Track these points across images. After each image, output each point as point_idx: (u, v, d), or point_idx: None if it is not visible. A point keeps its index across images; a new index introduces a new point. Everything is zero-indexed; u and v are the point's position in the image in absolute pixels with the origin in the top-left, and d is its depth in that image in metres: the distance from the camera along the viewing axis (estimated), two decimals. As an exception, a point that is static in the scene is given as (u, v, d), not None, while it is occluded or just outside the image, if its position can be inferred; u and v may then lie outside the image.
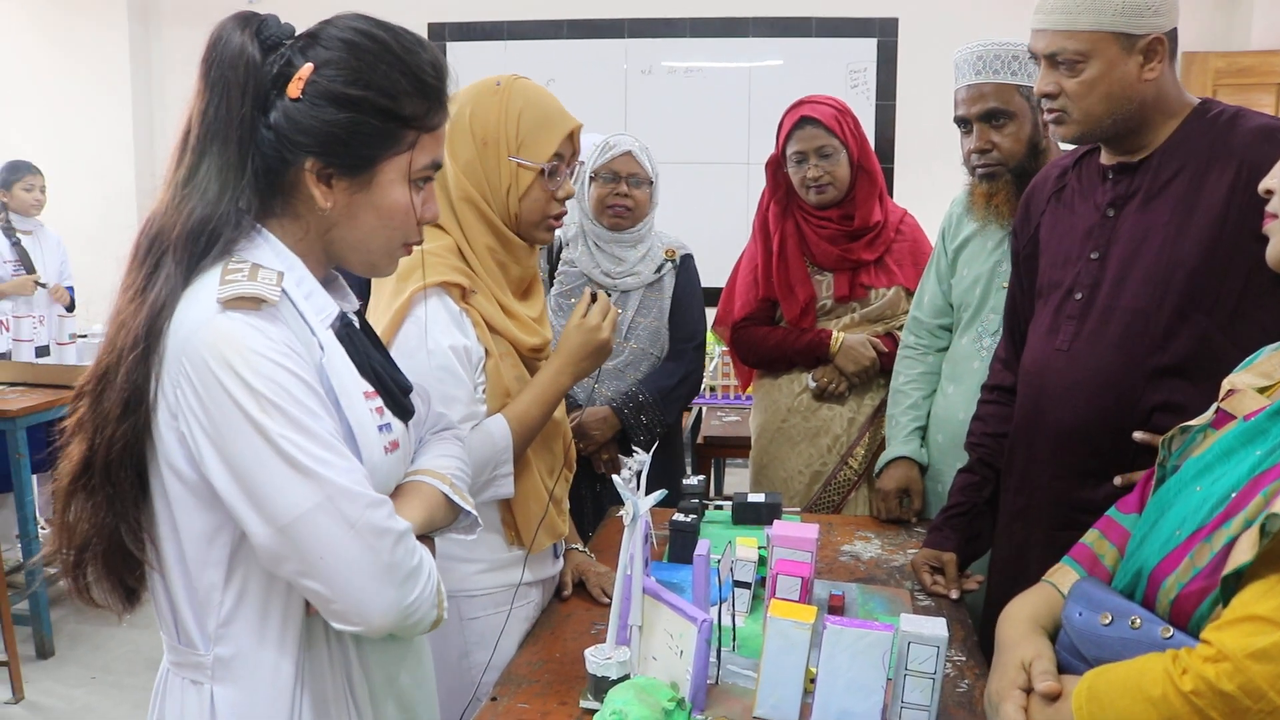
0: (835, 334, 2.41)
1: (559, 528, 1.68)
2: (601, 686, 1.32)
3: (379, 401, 1.12)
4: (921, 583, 1.80)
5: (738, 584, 1.65)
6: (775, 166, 2.47)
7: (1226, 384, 1.12)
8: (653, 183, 2.40)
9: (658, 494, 1.38)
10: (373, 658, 1.17)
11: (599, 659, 1.35)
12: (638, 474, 1.37)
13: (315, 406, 1.00)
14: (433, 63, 1.10)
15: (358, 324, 1.17)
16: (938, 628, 1.27)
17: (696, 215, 4.52)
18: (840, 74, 5.05)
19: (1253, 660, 0.86)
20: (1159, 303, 1.50)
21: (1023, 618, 1.17)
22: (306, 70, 1.03)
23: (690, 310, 2.49)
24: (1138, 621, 1.00)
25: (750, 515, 2.06)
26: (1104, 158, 1.62)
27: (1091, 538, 1.23)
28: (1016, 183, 1.99)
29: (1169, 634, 0.97)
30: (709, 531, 2.04)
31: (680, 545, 1.85)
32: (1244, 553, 0.90)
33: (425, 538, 1.14)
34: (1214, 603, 0.94)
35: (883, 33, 5.03)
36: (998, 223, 2.05)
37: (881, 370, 2.39)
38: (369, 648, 1.16)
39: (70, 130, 5.54)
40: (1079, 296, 1.59)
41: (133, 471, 1.02)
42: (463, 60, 5.17)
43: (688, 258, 2.52)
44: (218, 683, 1.06)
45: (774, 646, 1.31)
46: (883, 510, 2.17)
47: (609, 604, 1.44)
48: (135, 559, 1.06)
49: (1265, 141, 1.46)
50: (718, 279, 2.72)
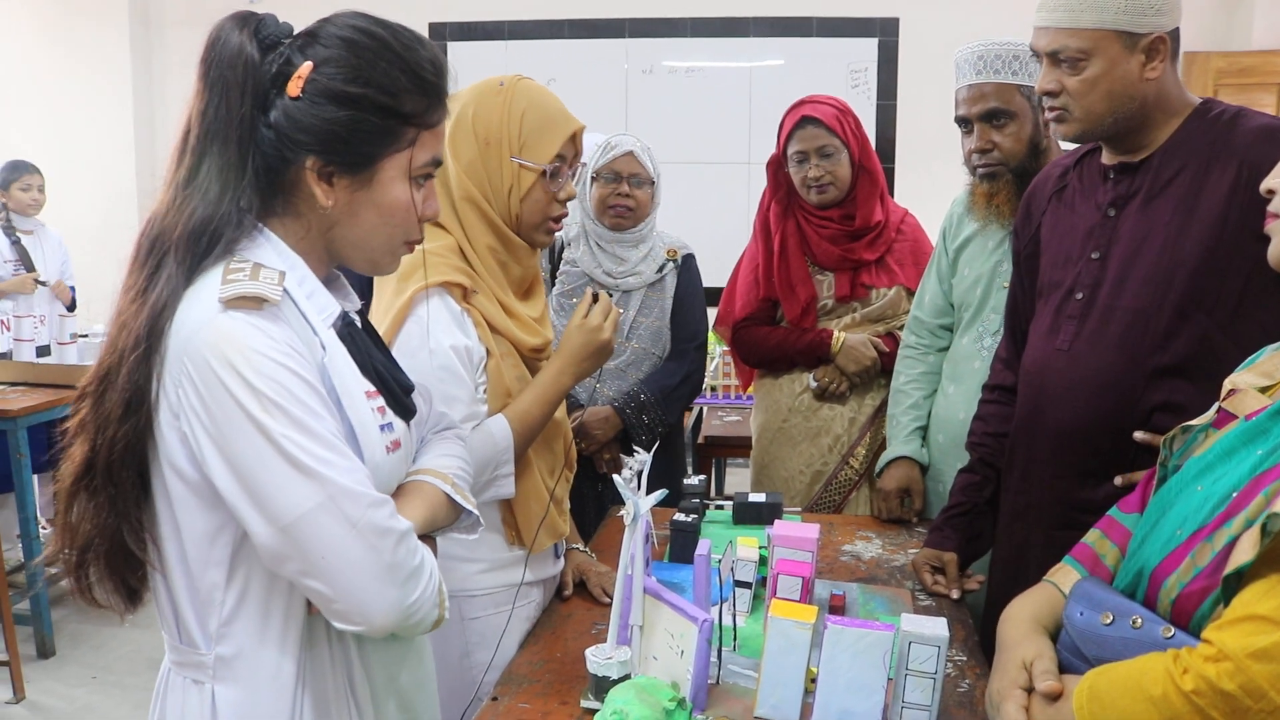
0: (836, 334, 2.41)
1: (560, 528, 1.68)
2: (602, 686, 1.32)
3: (380, 401, 1.12)
4: (922, 582, 1.80)
5: (738, 584, 1.65)
6: (776, 166, 2.47)
7: (1228, 383, 1.12)
8: (654, 183, 2.40)
9: (658, 494, 1.38)
10: (374, 657, 1.17)
11: (600, 659, 1.35)
12: (638, 474, 1.37)
13: (317, 406, 1.00)
14: (431, 60, 1.10)
15: (359, 323, 1.17)
16: (939, 627, 1.27)
17: (697, 215, 4.52)
18: (841, 74, 5.05)
19: (1254, 660, 0.86)
20: (1160, 302, 1.50)
21: (1024, 617, 1.17)
22: (306, 69, 1.03)
23: (692, 310, 2.49)
24: (1139, 621, 1.00)
25: (751, 515, 2.06)
26: (1105, 157, 1.62)
27: (1093, 537, 1.23)
28: (1017, 182, 1.99)
29: (1170, 633, 0.97)
30: (710, 531, 2.04)
31: (681, 545, 1.85)
32: (1245, 552, 0.90)
33: (427, 537, 1.14)
34: (1215, 602, 0.94)
35: (883, 32, 5.03)
36: (998, 222, 2.05)
37: (882, 370, 2.39)
38: (370, 647, 1.16)
39: (71, 130, 5.54)
40: (1080, 296, 1.59)
41: (134, 472, 1.02)
42: (463, 60, 5.17)
43: (689, 257, 2.52)
44: (219, 682, 1.06)
45: (775, 646, 1.31)
46: (883, 510, 2.17)
47: (610, 604, 1.44)
48: (137, 559, 1.06)
49: (1266, 141, 1.46)
50: (718, 279, 2.72)
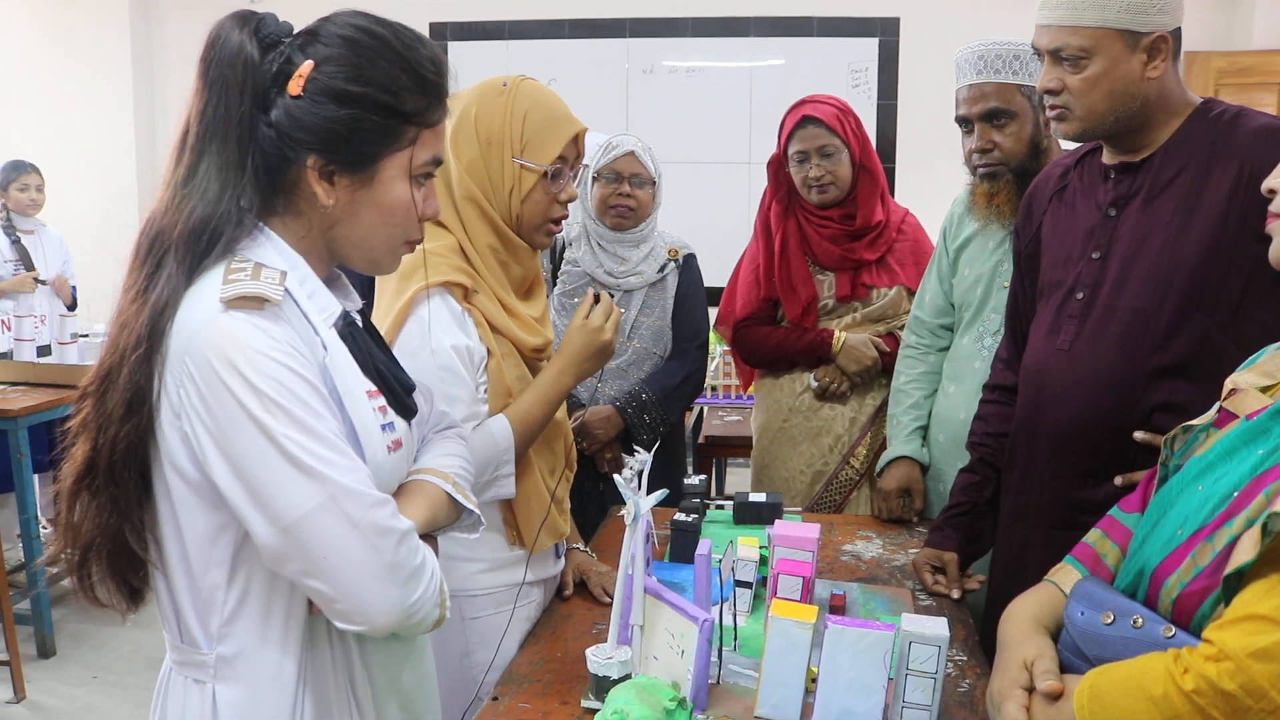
0: (837, 334, 2.41)
1: (560, 528, 1.68)
2: (603, 686, 1.32)
3: (382, 400, 1.12)
4: (923, 582, 1.80)
5: (739, 584, 1.65)
6: (777, 166, 2.47)
7: (1229, 383, 1.12)
8: (655, 183, 2.40)
9: (659, 494, 1.38)
10: (375, 657, 1.17)
11: (600, 658, 1.35)
12: (639, 474, 1.37)
13: (318, 406, 1.00)
14: (432, 58, 1.10)
15: (360, 322, 1.17)
16: (939, 627, 1.27)
17: (698, 215, 4.52)
18: (842, 73, 5.05)
19: (1254, 659, 0.86)
20: (1160, 302, 1.50)
21: (1025, 617, 1.17)
22: (307, 68, 1.04)
23: (693, 309, 2.49)
24: (1140, 621, 1.00)
25: (751, 515, 2.06)
26: (1106, 157, 1.62)
27: (1094, 537, 1.23)
28: (1018, 182, 1.99)
29: (1171, 633, 0.97)
30: (710, 531, 2.04)
31: (681, 545, 1.85)
32: (1245, 552, 0.90)
33: (428, 536, 1.14)
34: (1216, 602, 0.94)
35: (884, 32, 5.03)
36: (999, 222, 2.04)
37: (883, 370, 2.40)
38: (371, 647, 1.16)
39: (71, 129, 5.54)
40: (1080, 296, 1.59)
41: (136, 472, 1.02)
42: (464, 60, 5.17)
43: (690, 257, 2.52)
44: (220, 682, 1.06)
45: (775, 646, 1.31)
46: (884, 510, 2.17)
47: (610, 604, 1.44)
48: (139, 559, 1.06)
49: (1267, 141, 1.46)
50: (719, 279, 2.72)
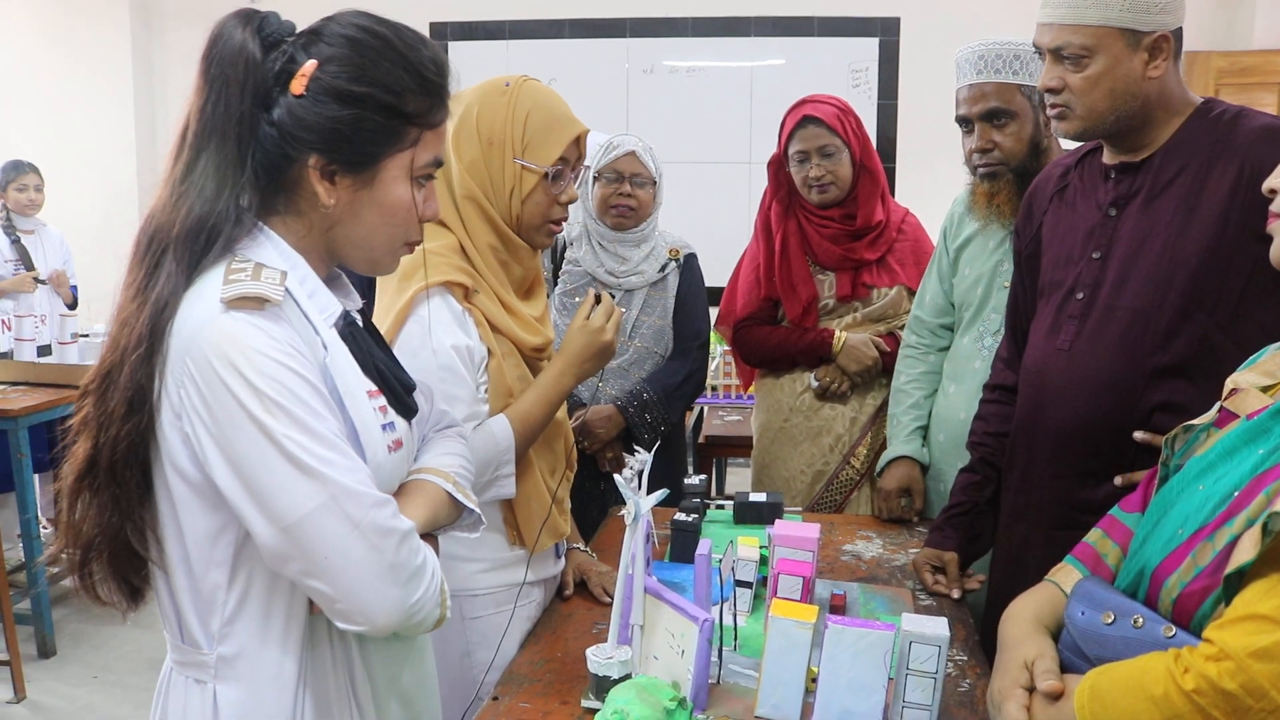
0: (837, 333, 2.41)
1: (561, 528, 1.68)
2: (603, 686, 1.32)
3: (382, 400, 1.12)
4: (923, 582, 1.80)
5: (739, 583, 1.65)
6: (777, 166, 2.47)
7: (1230, 383, 1.12)
8: (656, 182, 2.41)
9: (659, 493, 1.38)
10: (376, 657, 1.17)
11: (600, 658, 1.35)
12: (639, 473, 1.37)
13: (319, 406, 1.00)
14: (434, 59, 1.10)
15: (361, 322, 1.17)
16: (939, 627, 1.27)
17: (698, 215, 4.52)
18: (842, 73, 5.05)
19: (1255, 659, 0.86)
20: (1160, 302, 1.50)
21: (1025, 617, 1.17)
22: (310, 67, 1.04)
23: (694, 309, 2.49)
24: (1140, 620, 1.00)
25: (752, 515, 2.06)
26: (1106, 157, 1.62)
27: (1094, 537, 1.23)
28: (1018, 182, 1.99)
29: (1171, 633, 0.97)
30: (710, 531, 2.04)
31: (682, 545, 1.85)
32: (1246, 552, 0.90)
33: (429, 536, 1.14)
34: (1216, 602, 0.94)
35: (884, 32, 5.03)
36: (999, 222, 2.04)
37: (884, 370, 2.40)
38: (372, 647, 1.16)
39: (71, 130, 5.54)
40: (1080, 296, 1.59)
41: (138, 471, 1.02)
42: (465, 60, 5.17)
43: (691, 257, 2.52)
44: (221, 682, 1.06)
45: (775, 646, 1.31)
46: (884, 510, 2.17)
47: (610, 603, 1.44)
48: (140, 558, 1.06)
49: (1268, 141, 1.46)
50: (719, 278, 2.72)
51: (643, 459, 1.38)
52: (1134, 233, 1.55)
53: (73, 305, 4.45)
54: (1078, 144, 1.72)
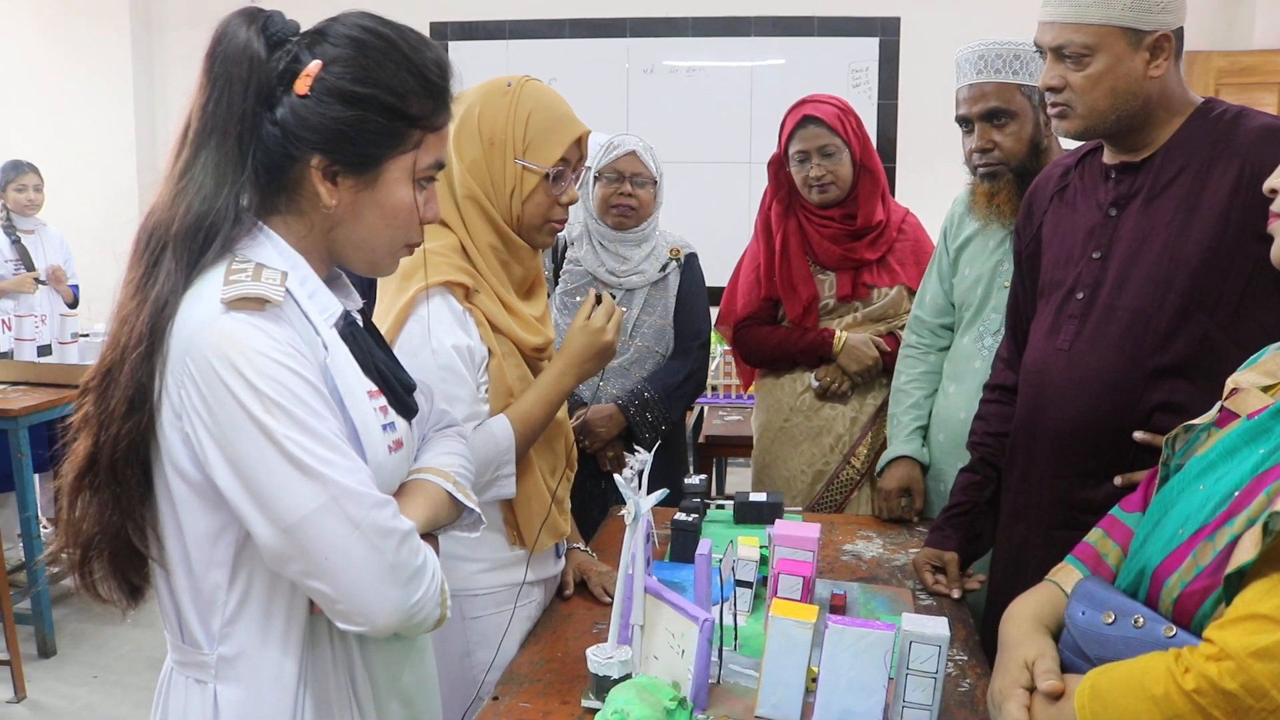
0: (838, 333, 2.41)
1: (561, 527, 1.68)
2: (603, 686, 1.32)
3: (383, 400, 1.12)
4: (923, 582, 1.80)
5: (739, 583, 1.65)
6: (777, 166, 2.47)
7: (1230, 382, 1.12)
8: (657, 182, 2.41)
9: (659, 493, 1.38)
10: (376, 657, 1.17)
11: (601, 658, 1.35)
12: (639, 473, 1.37)
13: (319, 407, 1.00)
14: (437, 61, 1.10)
15: (361, 322, 1.17)
16: (939, 627, 1.27)
17: (698, 215, 4.52)
18: (842, 73, 5.05)
19: (1255, 659, 0.86)
20: (1160, 302, 1.50)
21: (1026, 617, 1.17)
22: (315, 67, 1.03)
23: (695, 308, 2.50)
24: (1141, 620, 1.00)
25: (752, 514, 2.06)
26: (1106, 157, 1.62)
27: (1095, 536, 1.23)
28: (1018, 182, 1.99)
29: (1172, 633, 0.97)
30: (711, 531, 2.04)
31: (682, 544, 1.85)
32: (1246, 551, 0.90)
33: (429, 536, 1.14)
34: (1217, 601, 0.94)
35: (885, 32, 5.03)
36: (999, 222, 2.04)
37: (884, 370, 2.40)
38: (373, 647, 1.16)
39: (71, 130, 5.54)
40: (1081, 296, 1.59)
41: (138, 469, 1.02)
42: (465, 60, 5.17)
43: (692, 256, 2.53)
44: (221, 682, 1.06)
45: (775, 646, 1.31)
46: (884, 510, 2.17)
47: (610, 603, 1.44)
48: (141, 556, 1.06)
49: (1268, 141, 1.46)
50: (719, 278, 2.72)
51: (643, 459, 1.38)
52: (1134, 232, 1.55)
53: (73, 304, 4.45)
54: (1078, 144, 1.72)
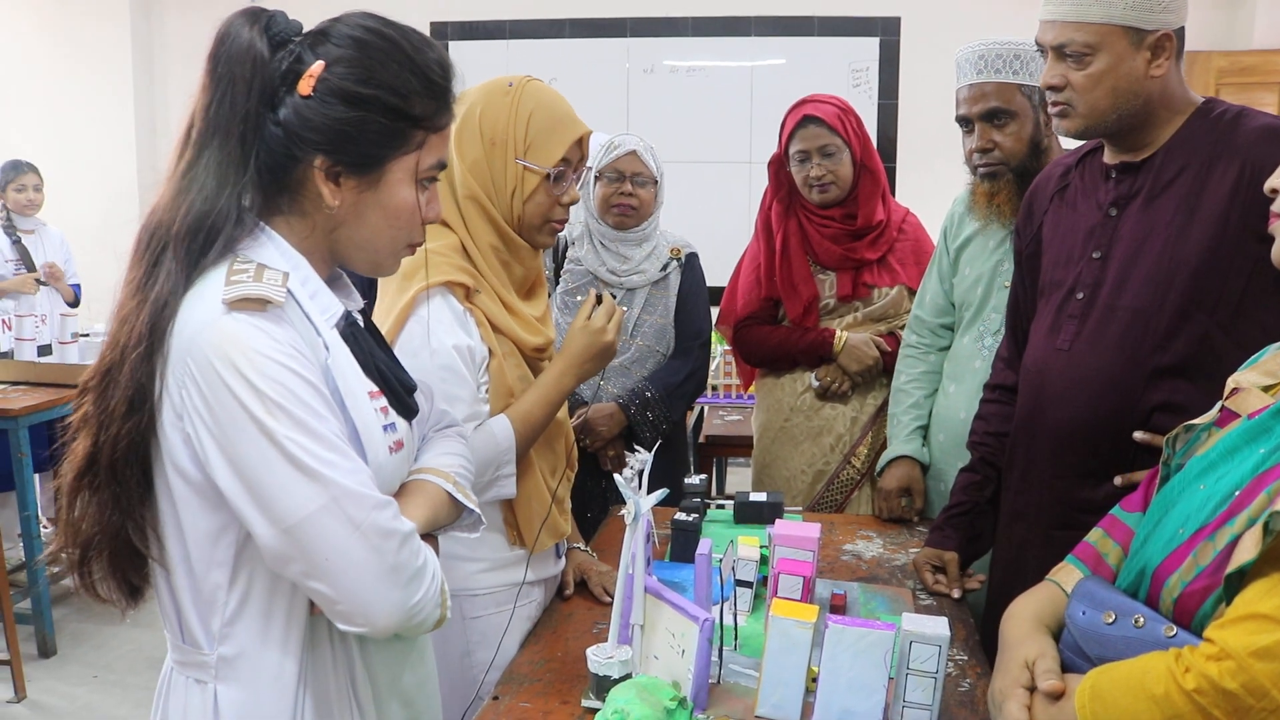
0: (838, 333, 2.41)
1: (561, 527, 1.68)
2: (603, 685, 1.32)
3: (383, 401, 1.12)
4: (923, 582, 1.80)
5: (739, 583, 1.65)
6: (778, 165, 2.48)
7: (1231, 382, 1.12)
8: (657, 182, 2.41)
9: (659, 493, 1.38)
10: (377, 658, 1.17)
11: (601, 658, 1.35)
12: (639, 473, 1.37)
13: (320, 408, 1.00)
14: (440, 62, 1.10)
15: (362, 322, 1.17)
16: (939, 627, 1.27)
17: (698, 214, 4.51)
18: (842, 73, 5.05)
19: (1255, 658, 0.86)
20: (1160, 302, 1.50)
21: (1026, 616, 1.17)
22: (318, 68, 1.03)
23: (696, 308, 2.50)
24: (1141, 620, 1.00)
25: (752, 514, 2.06)
26: (1107, 156, 1.62)
27: (1096, 536, 1.23)
28: (1018, 182, 1.99)
29: (1172, 632, 0.97)
30: (711, 531, 2.04)
31: (682, 544, 1.85)
32: (1247, 551, 0.90)
33: (429, 536, 1.14)
34: (1217, 601, 0.94)
35: (885, 32, 5.03)
36: (999, 222, 2.04)
37: (884, 369, 2.40)
38: (373, 648, 1.16)
39: (71, 129, 5.54)
40: (1081, 296, 1.59)
41: (138, 469, 1.02)
42: (465, 60, 5.17)
43: (693, 256, 2.53)
44: (221, 682, 1.06)
45: (776, 646, 1.31)
46: (884, 509, 2.17)
47: (611, 603, 1.44)
48: (140, 556, 1.06)
49: (1269, 141, 1.46)
50: (720, 278, 2.72)
51: (643, 458, 1.38)
52: (1134, 232, 1.55)
53: (74, 304, 4.45)
54: (1078, 143, 1.72)
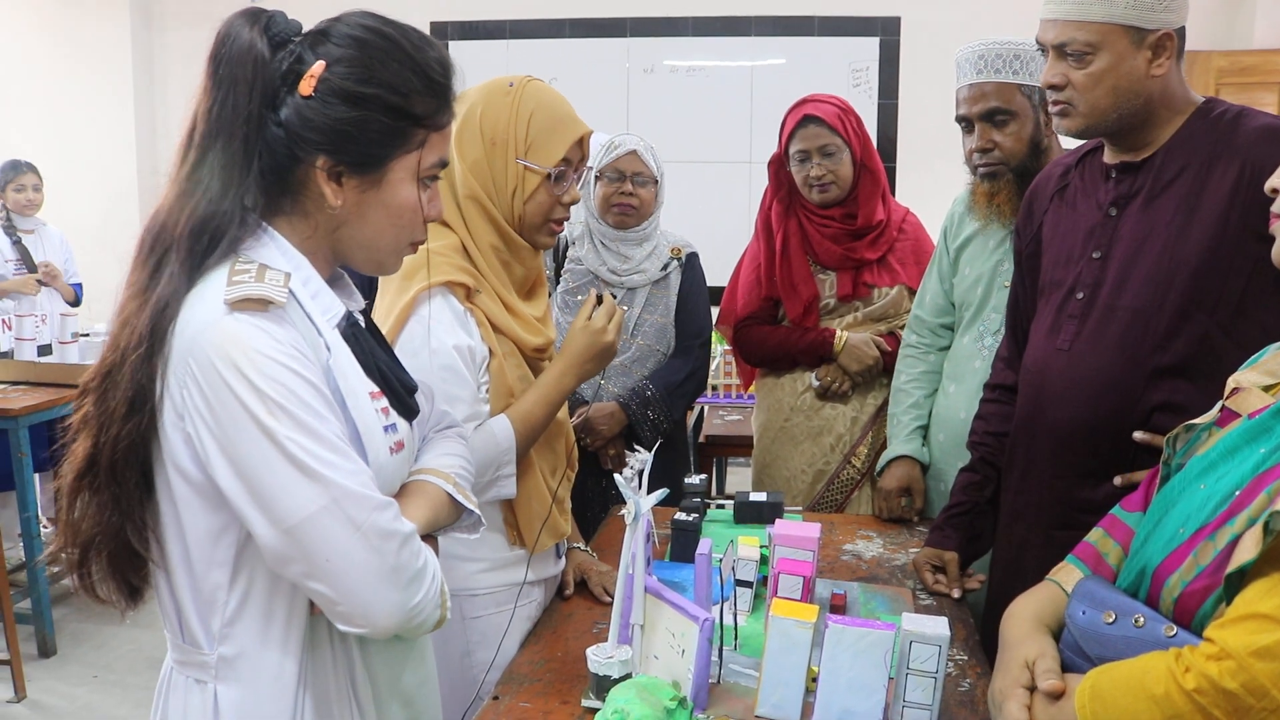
0: (838, 333, 2.41)
1: (561, 528, 1.68)
2: (603, 685, 1.32)
3: (384, 402, 1.12)
4: (923, 582, 1.80)
5: (739, 583, 1.65)
6: (778, 165, 2.48)
7: (1231, 382, 1.12)
8: (658, 181, 2.41)
9: (659, 493, 1.38)
10: (377, 658, 1.17)
11: (601, 658, 1.35)
12: (639, 473, 1.37)
13: (322, 409, 1.00)
14: (440, 60, 1.10)
15: (363, 323, 1.17)
16: (939, 626, 1.27)
17: (699, 214, 4.51)
18: (842, 73, 5.05)
19: (1256, 658, 0.86)
20: (1160, 302, 1.50)
21: (1026, 616, 1.17)
22: (319, 68, 1.03)
23: (696, 307, 2.50)
24: (1141, 620, 1.00)
25: (752, 514, 2.06)
26: (1107, 156, 1.62)
27: (1096, 536, 1.23)
28: (1018, 182, 1.99)
29: (1172, 632, 0.97)
30: (711, 530, 2.04)
31: (682, 544, 1.85)
32: (1247, 551, 0.90)
33: (429, 536, 1.14)
34: (1217, 601, 0.94)
35: (885, 31, 5.03)
36: (999, 222, 2.04)
37: (884, 369, 2.40)
38: (373, 648, 1.16)
39: (71, 129, 5.54)
40: (1081, 296, 1.59)
41: (138, 470, 1.02)
42: (465, 59, 5.17)
43: (693, 256, 2.53)
44: (221, 682, 1.06)
45: (776, 645, 1.31)
46: (884, 509, 2.17)
47: (611, 603, 1.44)
48: (140, 557, 1.06)
49: (1269, 141, 1.46)
50: (720, 278, 2.72)
51: (643, 458, 1.38)
52: (1134, 232, 1.55)
53: (75, 304, 4.45)
54: (1078, 143, 1.72)
